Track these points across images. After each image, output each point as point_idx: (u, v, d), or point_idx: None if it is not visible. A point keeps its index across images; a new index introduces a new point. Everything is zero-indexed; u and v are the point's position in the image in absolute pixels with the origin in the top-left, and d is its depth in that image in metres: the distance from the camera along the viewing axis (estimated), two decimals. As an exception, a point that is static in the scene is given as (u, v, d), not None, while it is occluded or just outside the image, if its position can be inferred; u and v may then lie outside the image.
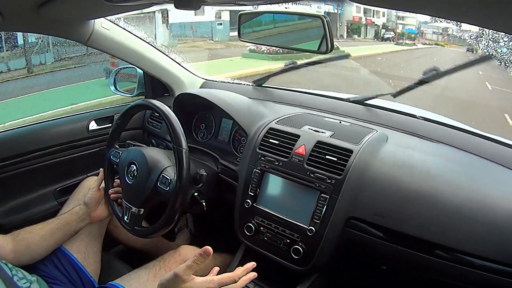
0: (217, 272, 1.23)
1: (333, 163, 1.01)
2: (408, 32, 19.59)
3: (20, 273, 0.96)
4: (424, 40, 18.36)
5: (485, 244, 0.83)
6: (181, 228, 1.61)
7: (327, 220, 0.98)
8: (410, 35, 19.48)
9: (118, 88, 1.74)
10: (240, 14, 1.16)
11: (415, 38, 19.09)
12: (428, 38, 18.59)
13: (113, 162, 1.19)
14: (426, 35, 18.79)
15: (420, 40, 18.50)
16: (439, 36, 17.75)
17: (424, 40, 18.50)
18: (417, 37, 19.19)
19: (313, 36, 1.06)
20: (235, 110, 1.27)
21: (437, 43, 17.37)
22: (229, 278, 0.82)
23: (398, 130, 1.22)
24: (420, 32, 19.13)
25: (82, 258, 1.15)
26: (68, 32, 1.29)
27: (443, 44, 16.99)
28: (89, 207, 1.14)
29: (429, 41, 18.05)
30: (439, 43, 17.23)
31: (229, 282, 0.82)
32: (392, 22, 19.67)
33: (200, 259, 0.78)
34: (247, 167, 1.14)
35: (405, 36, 19.49)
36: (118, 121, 1.20)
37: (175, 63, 1.66)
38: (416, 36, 19.12)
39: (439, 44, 17.19)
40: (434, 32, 17.88)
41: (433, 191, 0.91)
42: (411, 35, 19.48)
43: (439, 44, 17.19)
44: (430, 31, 18.26)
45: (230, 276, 0.82)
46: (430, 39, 18.21)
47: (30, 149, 1.39)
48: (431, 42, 17.90)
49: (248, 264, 0.87)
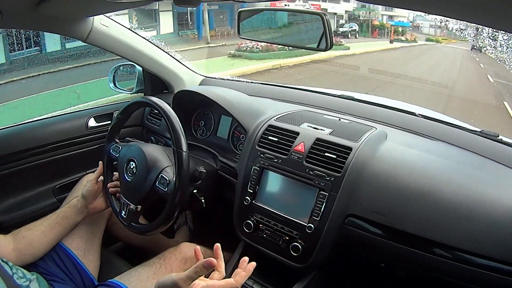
0: None
1: (332, 160, 1.01)
2: (397, 25, 15.85)
3: (20, 271, 0.96)
4: (411, 36, 15.14)
5: (484, 242, 0.83)
6: (180, 225, 1.61)
7: (326, 217, 0.98)
8: (396, 28, 15.48)
9: (118, 85, 1.74)
10: (239, 11, 1.16)
11: (404, 33, 15.32)
12: (424, 33, 15.82)
13: (112, 156, 1.19)
14: (422, 29, 16.12)
15: (413, 35, 15.29)
16: (437, 30, 15.43)
17: (411, 36, 15.15)
18: (408, 31, 15.55)
19: (313, 33, 1.06)
20: (234, 107, 1.27)
21: (430, 39, 14.49)
22: (231, 285, 0.79)
23: (397, 127, 1.22)
24: (413, 26, 16.04)
25: (81, 255, 1.15)
26: (67, 29, 1.29)
27: (440, 39, 14.56)
28: (87, 199, 1.14)
29: (426, 37, 15.14)
30: (437, 39, 14.54)
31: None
32: (366, 11, 15.14)
33: (203, 270, 0.74)
34: (246, 164, 1.14)
35: (391, 30, 15.35)
36: (118, 116, 1.21)
37: (175, 60, 1.65)
38: (406, 31, 15.41)
39: (433, 40, 14.41)
40: (432, 25, 15.50)
41: (432, 189, 0.91)
42: (397, 29, 15.43)
43: (432, 40, 14.42)
44: (427, 25, 15.72)
45: (232, 284, 0.79)
46: (427, 34, 15.64)
47: (30, 147, 1.39)
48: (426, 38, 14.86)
49: (249, 266, 0.85)
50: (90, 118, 1.56)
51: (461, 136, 1.13)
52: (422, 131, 1.18)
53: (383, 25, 16.01)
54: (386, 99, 1.43)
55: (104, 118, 1.60)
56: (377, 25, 15.93)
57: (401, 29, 15.89)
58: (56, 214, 1.13)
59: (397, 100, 1.47)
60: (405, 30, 15.85)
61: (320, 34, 1.03)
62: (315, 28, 1.04)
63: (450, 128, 1.17)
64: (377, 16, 15.96)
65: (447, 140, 1.13)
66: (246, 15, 1.17)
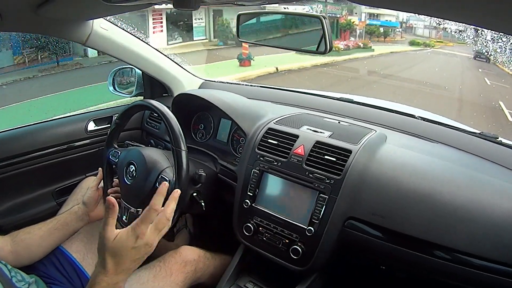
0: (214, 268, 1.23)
1: (332, 163, 1.01)
2: (383, 25, 13.10)
3: (19, 274, 0.95)
4: (400, 37, 12.64)
5: (484, 244, 0.83)
6: (180, 228, 1.60)
7: (326, 220, 0.98)
8: (377, 30, 12.66)
9: (117, 88, 1.74)
10: (239, 14, 1.16)
11: (387, 35, 12.60)
12: (418, 34, 13.75)
13: (112, 161, 1.18)
14: (416, 30, 13.97)
15: (404, 36, 13.03)
16: (433, 32, 13.29)
17: (399, 37, 12.66)
18: (398, 32, 12.98)
19: (312, 36, 1.06)
20: (234, 111, 1.27)
21: (416, 42, 11.86)
22: (149, 211, 0.78)
23: (397, 130, 1.22)
24: (407, 27, 13.71)
25: (81, 258, 1.14)
26: (66, 33, 1.29)
27: (434, 42, 12.09)
28: (88, 206, 1.14)
29: (420, 40, 12.57)
30: (427, 42, 12.04)
31: (153, 215, 0.79)
32: (336, 5, 11.41)
33: (110, 212, 0.76)
34: (246, 167, 1.14)
35: (370, 32, 12.34)
36: (117, 121, 1.20)
37: (174, 64, 1.66)
38: (389, 32, 12.54)
39: (419, 44, 11.74)
40: (426, 26, 13.20)
41: (432, 191, 0.91)
42: (378, 30, 12.54)
43: (418, 44, 11.77)
44: (421, 25, 13.46)
45: (148, 209, 0.78)
46: (421, 35, 13.55)
47: (29, 150, 1.39)
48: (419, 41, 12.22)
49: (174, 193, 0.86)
50: (89, 122, 1.56)
51: (460, 138, 1.14)
52: (421, 133, 1.18)
53: (350, 24, 12.29)
54: (385, 102, 1.43)
55: (104, 121, 1.61)
56: (343, 24, 12.14)
57: (383, 29, 13.10)
58: (56, 219, 1.12)
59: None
60: (388, 32, 13.24)
61: (320, 37, 1.03)
62: (314, 31, 1.04)
63: (449, 130, 1.18)
64: (356, 13, 12.69)
65: (446, 142, 1.13)
66: (245, 18, 1.17)
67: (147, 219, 0.78)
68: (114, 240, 0.76)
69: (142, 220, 0.78)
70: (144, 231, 0.77)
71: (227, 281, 1.11)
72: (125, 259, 0.77)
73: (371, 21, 13.58)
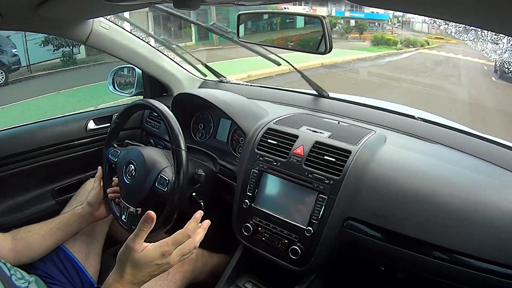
0: (212, 267, 1.23)
1: (332, 163, 1.01)
2: (369, 18, 10.94)
3: (18, 273, 0.95)
4: (391, 33, 10.91)
5: (483, 245, 0.83)
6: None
7: (325, 220, 0.98)
8: (362, 24, 10.55)
9: (117, 88, 1.74)
10: (239, 15, 1.16)
11: (363, 29, 10.57)
12: (416, 30, 12.39)
13: (111, 161, 1.19)
14: (414, 25, 12.61)
15: (395, 33, 11.27)
16: (431, 27, 11.84)
17: (390, 32, 10.90)
18: (389, 27, 10.99)
19: (312, 36, 1.06)
20: (234, 110, 1.27)
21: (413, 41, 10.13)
22: (181, 235, 0.82)
23: (396, 131, 1.22)
24: (403, 21, 12.14)
25: (83, 259, 1.15)
26: (67, 32, 1.29)
27: (432, 39, 10.74)
28: (93, 207, 1.14)
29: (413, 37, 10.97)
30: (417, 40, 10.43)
31: (183, 239, 0.82)
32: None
33: (146, 225, 0.78)
34: (245, 167, 1.14)
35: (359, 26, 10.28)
36: (117, 120, 1.20)
37: (174, 63, 1.66)
38: (366, 27, 10.44)
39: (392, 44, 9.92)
40: (424, 21, 11.13)
41: (431, 192, 0.91)
42: (363, 24, 10.36)
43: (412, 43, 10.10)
44: (419, 20, 11.92)
45: (182, 233, 0.82)
46: (419, 31, 12.18)
47: (29, 149, 1.39)
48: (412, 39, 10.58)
49: (204, 223, 0.89)
50: (89, 121, 1.56)
51: (460, 139, 1.13)
52: (421, 134, 1.18)
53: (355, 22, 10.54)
54: (385, 102, 1.43)
55: (104, 120, 1.61)
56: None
57: (369, 24, 10.84)
58: (58, 219, 1.11)
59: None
60: (365, 26, 10.88)
61: (320, 37, 1.03)
62: (315, 31, 1.05)
63: (449, 131, 1.18)
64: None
65: (446, 143, 1.13)
66: (245, 18, 1.18)
67: (178, 241, 0.81)
68: (141, 253, 0.79)
69: (173, 241, 0.81)
70: (171, 251, 0.80)
71: (226, 281, 1.11)
72: (144, 272, 0.79)
73: (352, 13, 11.58)
